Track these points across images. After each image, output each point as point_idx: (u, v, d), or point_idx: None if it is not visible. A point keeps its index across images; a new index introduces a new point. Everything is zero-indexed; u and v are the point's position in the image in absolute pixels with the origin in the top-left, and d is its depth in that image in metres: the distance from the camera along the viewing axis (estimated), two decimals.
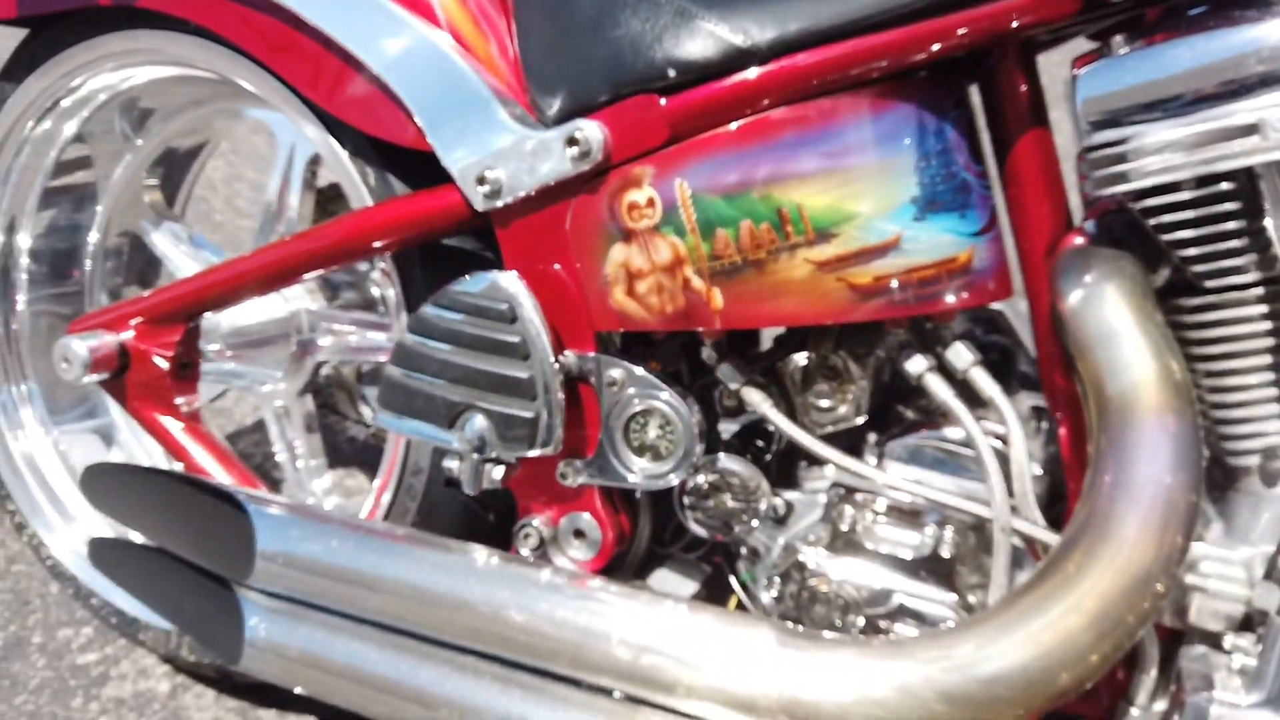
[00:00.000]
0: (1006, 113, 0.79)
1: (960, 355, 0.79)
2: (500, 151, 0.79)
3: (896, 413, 0.90)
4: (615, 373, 0.79)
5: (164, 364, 0.98)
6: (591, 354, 0.80)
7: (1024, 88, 0.77)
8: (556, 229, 0.79)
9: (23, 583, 1.32)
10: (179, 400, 1.00)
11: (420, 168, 0.88)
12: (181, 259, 1.21)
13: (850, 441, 0.88)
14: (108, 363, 0.99)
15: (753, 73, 0.72)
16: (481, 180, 0.79)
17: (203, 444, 1.00)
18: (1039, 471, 0.83)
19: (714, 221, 0.75)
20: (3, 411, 1.13)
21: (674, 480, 0.80)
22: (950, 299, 0.76)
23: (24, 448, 1.13)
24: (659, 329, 0.78)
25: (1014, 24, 0.69)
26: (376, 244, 0.87)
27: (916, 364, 0.79)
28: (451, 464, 0.81)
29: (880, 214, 0.74)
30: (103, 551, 0.90)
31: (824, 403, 0.85)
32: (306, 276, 0.91)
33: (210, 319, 1.03)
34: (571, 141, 0.76)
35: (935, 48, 0.72)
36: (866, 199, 0.73)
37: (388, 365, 0.83)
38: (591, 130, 0.76)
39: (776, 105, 0.73)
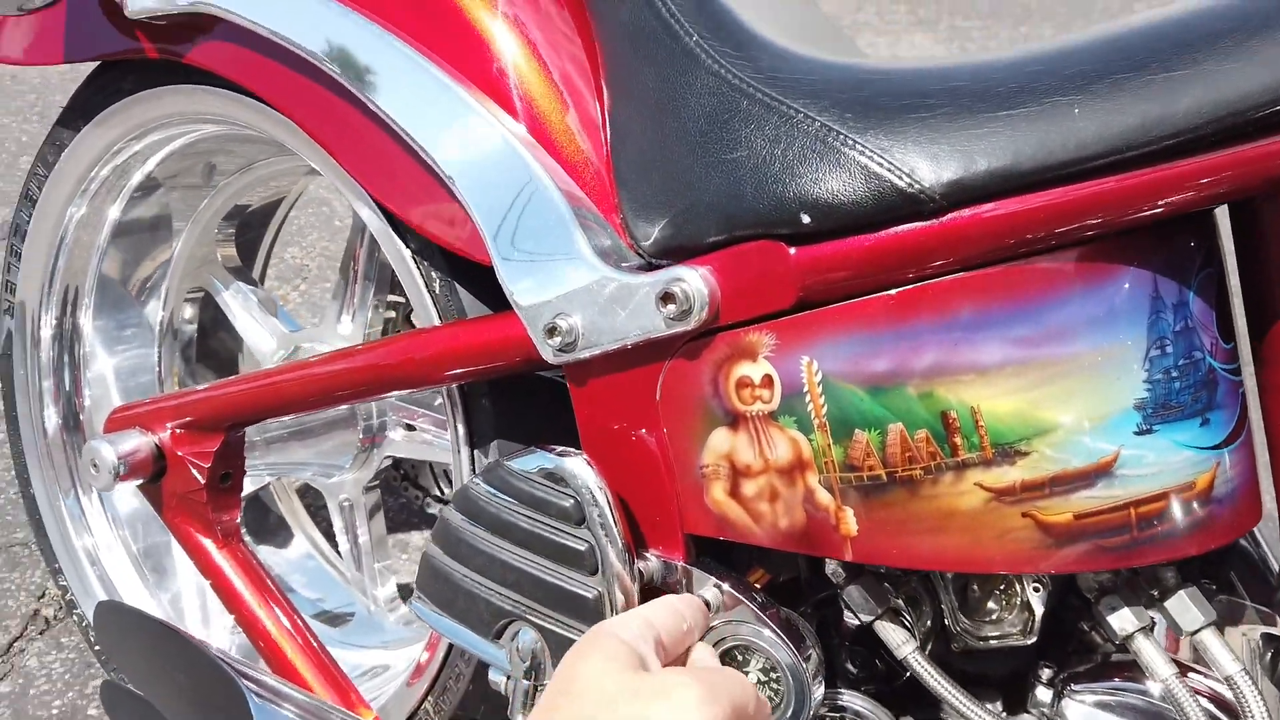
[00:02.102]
0: (1272, 273, 0.56)
1: (1187, 612, 0.57)
2: (577, 294, 0.61)
3: (1070, 632, 0.68)
4: (708, 593, 0.61)
5: (199, 476, 0.86)
6: (679, 562, 0.62)
7: None
8: (644, 397, 0.61)
9: (87, 651, 1.25)
10: (215, 516, 0.87)
11: (497, 281, 0.72)
12: (250, 323, 1.09)
13: (1011, 664, 0.67)
14: (142, 467, 0.87)
15: (920, 225, 0.52)
16: (553, 331, 0.61)
17: (239, 569, 0.87)
18: None
19: (852, 419, 0.55)
20: (69, 514, 1.04)
21: None
22: (1182, 542, 0.54)
23: (87, 543, 1.04)
24: (767, 546, 0.59)
25: None
26: (436, 374, 0.71)
27: (1123, 619, 0.58)
28: (498, 679, 0.64)
29: (1090, 425, 0.52)
30: (110, 694, 0.78)
31: (987, 628, 0.64)
32: (359, 402, 0.76)
33: None
34: (668, 297, 0.57)
35: (1189, 196, 0.50)
36: (1071, 404, 0.52)
37: (429, 543, 0.67)
38: (694, 283, 0.57)
39: (949, 269, 0.53)
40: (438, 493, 1.26)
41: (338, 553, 1.17)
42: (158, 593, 1.06)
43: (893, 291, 0.54)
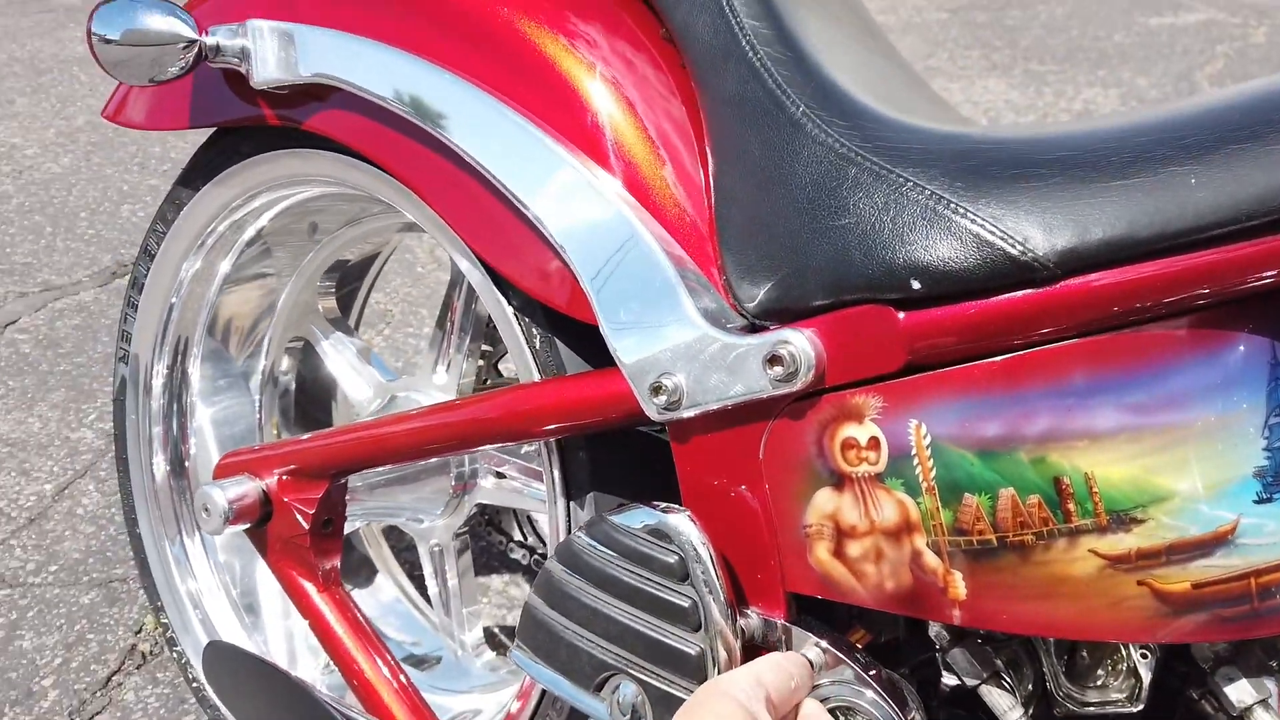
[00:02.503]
0: None
1: None
2: (683, 353, 0.62)
3: (1179, 701, 0.66)
4: (810, 652, 0.61)
5: (304, 521, 0.89)
6: (781, 620, 0.62)
7: None
8: (747, 456, 0.62)
9: (182, 686, 1.29)
10: (318, 560, 0.90)
11: (596, 337, 0.74)
12: (348, 372, 1.13)
13: None
14: (250, 513, 0.90)
15: (1032, 292, 0.53)
16: (658, 389, 0.63)
17: (338, 612, 0.90)
18: None
19: (961, 484, 0.55)
20: (174, 556, 1.08)
21: None
22: None
23: (191, 586, 1.08)
24: (872, 607, 0.59)
25: None
26: (538, 428, 0.73)
27: (1241, 691, 0.56)
28: None
29: (1208, 493, 0.52)
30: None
31: (1091, 693, 0.63)
32: (462, 453, 0.79)
33: None
34: (775, 359, 0.58)
35: None
36: (1188, 471, 0.52)
37: (530, 593, 0.68)
38: (800, 345, 0.58)
39: (1061, 336, 0.53)
40: (520, 538, 1.28)
41: (424, 597, 1.19)
42: (253, 634, 1.10)
43: (1003, 357, 0.54)
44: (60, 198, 2.57)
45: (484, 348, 1.11)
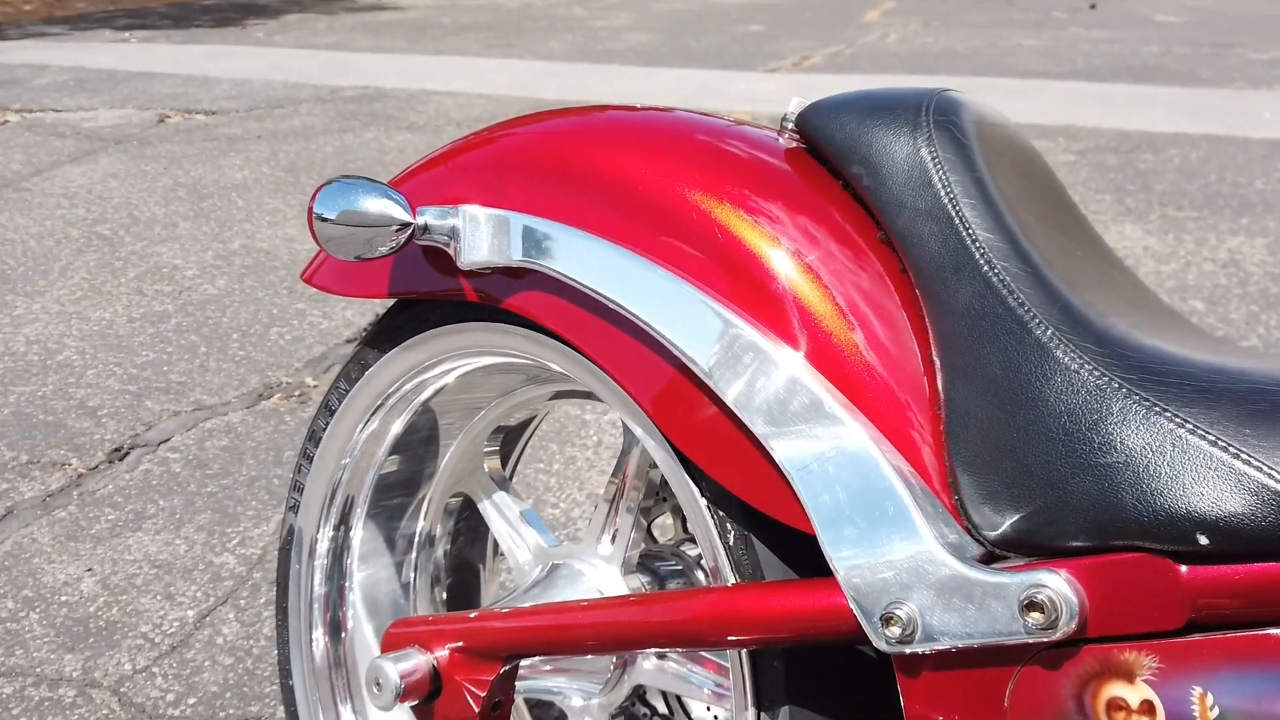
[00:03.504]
0: None
1: None
2: (916, 580, 0.59)
3: None
4: None
5: (474, 704, 0.86)
6: None
7: None
8: (990, 701, 0.57)
9: None
10: None
11: (800, 539, 0.70)
12: (510, 534, 1.11)
13: None
14: (419, 689, 0.88)
15: None
16: (890, 620, 0.59)
17: None
18: None
19: None
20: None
21: None
22: None
23: None
24: None
25: None
26: (738, 636, 0.70)
27: None
28: None
29: None
30: None
31: None
32: (649, 652, 0.75)
33: None
34: (1033, 605, 0.54)
35: None
36: None
37: None
38: (1061, 591, 0.53)
39: None
40: (665, 711, 1.22)
41: None
42: None
43: None
44: (215, 318, 2.70)
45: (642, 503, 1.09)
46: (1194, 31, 7.02)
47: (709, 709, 1.14)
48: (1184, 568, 0.51)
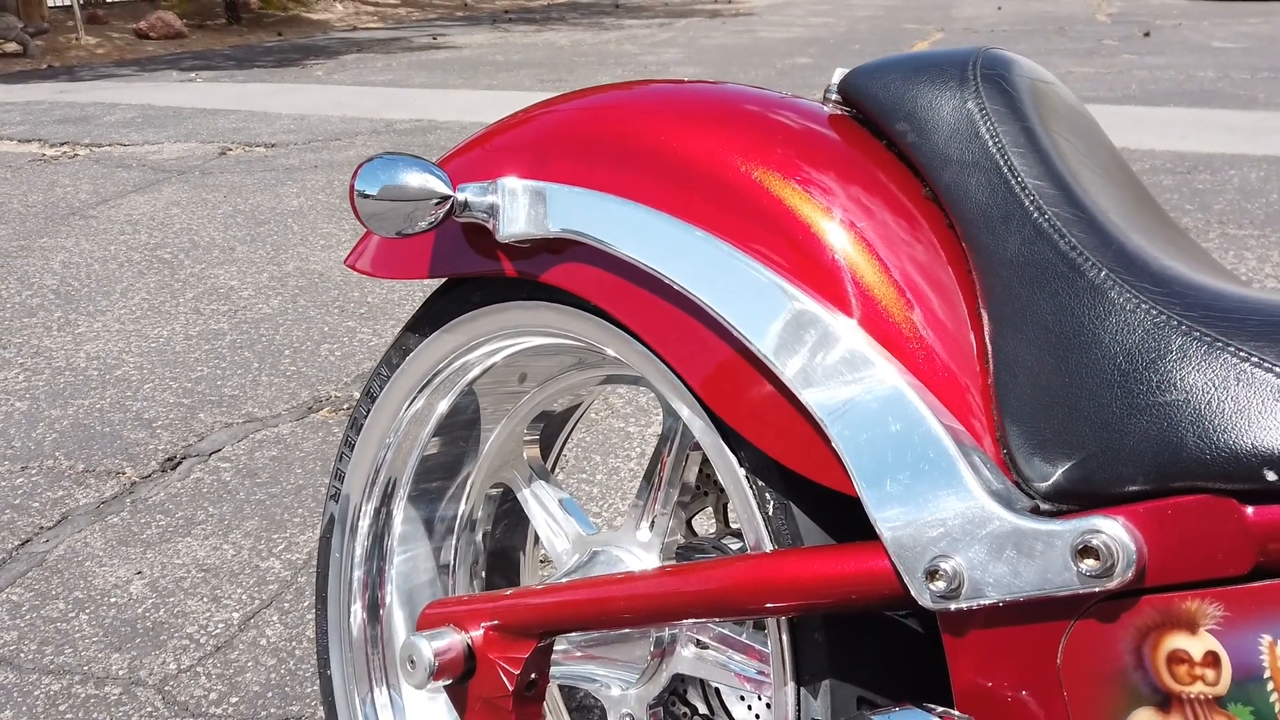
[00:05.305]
0: None
1: None
2: (965, 535, 0.56)
3: None
4: None
5: (508, 682, 0.84)
6: None
7: None
8: (1042, 658, 0.54)
9: None
10: None
11: (840, 506, 0.68)
12: (548, 522, 1.10)
13: None
14: (453, 667, 0.87)
15: None
16: (934, 574, 0.56)
17: None
18: None
19: None
20: (361, 709, 1.05)
21: None
22: None
23: None
24: None
25: None
26: (778, 603, 0.68)
27: None
28: None
29: None
30: None
31: None
32: (686, 622, 0.73)
33: None
34: (1087, 550, 0.51)
35: None
36: None
37: None
38: (1117, 536, 0.51)
39: None
40: (705, 711, 1.19)
41: None
42: None
43: None
44: (268, 336, 2.75)
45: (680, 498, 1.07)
46: (1251, 57, 6.89)
47: (749, 708, 1.11)
48: (1250, 509, 0.48)
